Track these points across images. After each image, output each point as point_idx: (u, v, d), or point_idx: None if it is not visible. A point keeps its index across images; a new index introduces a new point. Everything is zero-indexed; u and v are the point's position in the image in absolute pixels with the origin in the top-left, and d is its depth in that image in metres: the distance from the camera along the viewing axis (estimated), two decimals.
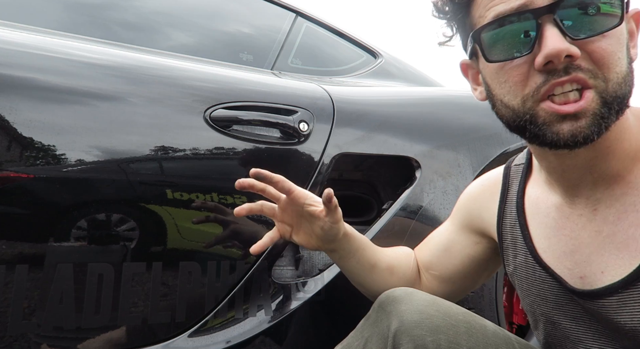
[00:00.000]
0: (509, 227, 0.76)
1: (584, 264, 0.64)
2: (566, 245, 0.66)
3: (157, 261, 0.99)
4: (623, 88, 0.53)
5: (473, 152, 1.37)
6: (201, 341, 1.01)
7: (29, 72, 0.94)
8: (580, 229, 0.64)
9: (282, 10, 1.73)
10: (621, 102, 0.54)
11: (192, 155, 1.05)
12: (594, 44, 0.53)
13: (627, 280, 0.58)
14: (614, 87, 0.53)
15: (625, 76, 0.54)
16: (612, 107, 0.53)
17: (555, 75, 0.53)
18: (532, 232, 0.71)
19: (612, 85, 0.53)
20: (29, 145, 0.90)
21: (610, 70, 0.53)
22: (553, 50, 0.52)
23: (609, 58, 0.53)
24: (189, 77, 1.15)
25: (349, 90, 1.43)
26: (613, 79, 0.53)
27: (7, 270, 0.86)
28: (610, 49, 0.53)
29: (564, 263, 0.66)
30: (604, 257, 0.61)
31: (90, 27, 1.34)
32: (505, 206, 0.77)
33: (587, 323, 0.67)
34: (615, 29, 0.53)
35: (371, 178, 1.35)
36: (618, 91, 0.53)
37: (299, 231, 0.85)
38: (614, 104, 0.53)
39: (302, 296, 1.12)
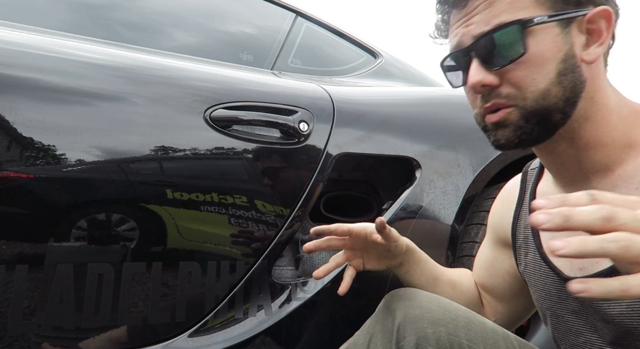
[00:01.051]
0: (523, 227, 0.81)
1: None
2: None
3: (157, 261, 0.99)
4: (542, 103, 0.62)
5: (473, 152, 1.37)
6: (201, 341, 1.01)
7: (29, 72, 0.94)
8: None
9: (282, 10, 1.73)
10: (542, 114, 0.63)
11: (192, 155, 1.05)
12: (508, 72, 0.63)
13: (613, 267, 0.61)
14: (532, 104, 0.63)
15: (543, 92, 0.62)
16: (530, 120, 0.63)
17: (483, 100, 0.66)
18: (542, 232, 0.76)
19: (529, 102, 0.63)
20: (29, 145, 0.90)
21: (526, 91, 0.63)
22: (470, 83, 0.65)
23: (522, 82, 0.63)
24: (189, 77, 1.15)
25: (349, 90, 1.43)
26: (529, 97, 0.63)
27: (7, 270, 0.86)
28: (522, 74, 0.62)
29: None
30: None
31: (90, 27, 1.34)
32: (521, 208, 0.82)
33: (584, 316, 0.70)
34: (523, 56, 0.62)
35: (371, 178, 1.35)
36: (536, 106, 0.63)
37: (369, 258, 0.89)
38: (532, 117, 0.63)
39: (302, 296, 1.12)
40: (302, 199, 1.14)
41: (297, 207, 1.14)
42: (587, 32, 0.63)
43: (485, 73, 0.64)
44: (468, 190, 1.32)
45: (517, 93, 0.63)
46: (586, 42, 0.63)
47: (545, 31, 0.62)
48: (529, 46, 0.61)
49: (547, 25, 0.62)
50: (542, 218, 0.42)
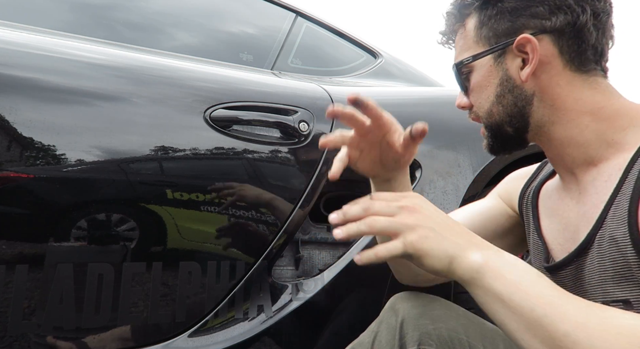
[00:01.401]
0: (525, 206, 0.88)
1: (571, 241, 0.73)
2: (559, 223, 0.77)
3: (157, 261, 0.99)
4: (490, 120, 0.76)
5: (473, 152, 1.37)
6: (201, 341, 1.01)
7: (29, 72, 0.94)
8: (570, 210, 0.75)
9: (282, 10, 1.73)
10: (495, 127, 0.76)
11: (192, 155, 1.05)
12: (470, 97, 0.79)
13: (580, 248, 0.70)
14: (485, 121, 0.78)
15: (487, 112, 0.76)
16: (489, 133, 0.78)
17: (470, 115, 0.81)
18: (540, 212, 0.83)
19: (483, 120, 0.78)
20: (29, 145, 0.90)
21: (478, 111, 0.78)
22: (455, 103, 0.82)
23: (475, 104, 0.78)
24: (189, 77, 1.15)
25: (349, 90, 1.43)
26: (482, 116, 0.78)
27: (7, 270, 0.86)
28: (474, 99, 0.78)
29: (558, 239, 0.77)
30: (580, 235, 0.71)
31: (91, 28, 1.34)
32: (527, 188, 0.89)
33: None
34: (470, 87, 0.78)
35: None
36: (487, 123, 0.77)
37: (365, 158, 0.84)
38: (489, 131, 0.78)
39: (302, 296, 1.12)
40: (302, 199, 1.14)
41: (297, 208, 1.14)
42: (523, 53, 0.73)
43: (462, 96, 0.81)
44: (468, 190, 1.32)
45: (477, 112, 0.78)
46: (524, 63, 0.73)
47: (481, 64, 0.75)
48: (471, 78, 0.77)
49: (482, 59, 0.75)
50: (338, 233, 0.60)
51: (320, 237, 1.25)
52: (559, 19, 0.70)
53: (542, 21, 0.71)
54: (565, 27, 0.71)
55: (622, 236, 0.63)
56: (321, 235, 1.26)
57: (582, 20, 0.70)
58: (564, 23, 0.70)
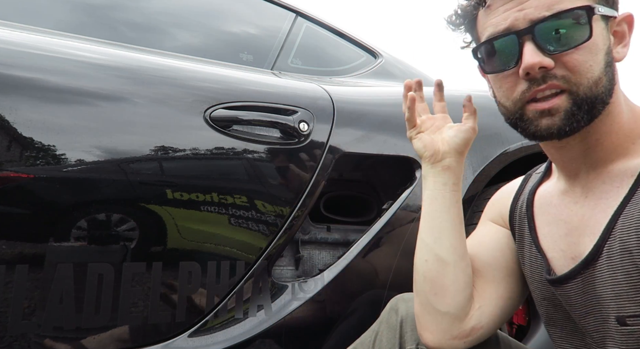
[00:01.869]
0: (518, 219, 0.83)
1: (574, 246, 0.70)
2: (562, 229, 0.73)
3: (157, 261, 0.99)
4: (594, 90, 0.64)
5: (473, 152, 1.37)
6: (201, 341, 1.01)
7: (29, 72, 0.94)
8: (574, 215, 0.72)
9: (282, 10, 1.73)
10: (592, 102, 0.64)
11: (192, 155, 1.05)
12: (567, 55, 0.64)
13: (592, 253, 0.66)
14: (585, 90, 0.64)
15: (596, 80, 0.64)
16: (582, 107, 0.64)
17: (536, 84, 0.65)
18: (537, 223, 0.79)
19: (583, 89, 0.64)
20: (29, 145, 0.90)
21: (582, 76, 0.64)
22: (528, 64, 0.64)
23: (580, 67, 0.64)
24: (189, 77, 1.15)
25: (349, 90, 1.43)
26: (584, 83, 0.64)
27: (7, 270, 0.86)
28: (582, 59, 0.64)
29: (560, 246, 0.73)
30: (584, 240, 0.68)
31: (91, 28, 1.34)
32: (517, 201, 0.84)
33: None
34: (587, 42, 0.63)
35: (371, 178, 1.35)
36: (588, 93, 0.64)
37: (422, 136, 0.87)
38: (584, 104, 0.64)
39: (302, 296, 1.12)
40: (302, 199, 1.14)
41: (297, 207, 1.14)
42: (613, 34, 0.67)
43: (541, 56, 0.64)
44: (468, 190, 1.32)
45: (574, 77, 0.64)
46: (614, 42, 0.67)
47: (598, 23, 0.65)
48: (593, 33, 0.63)
49: (599, 17, 0.65)
50: None
51: (320, 237, 1.25)
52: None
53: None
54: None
55: (635, 246, 0.60)
56: (321, 235, 1.26)
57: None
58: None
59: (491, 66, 0.70)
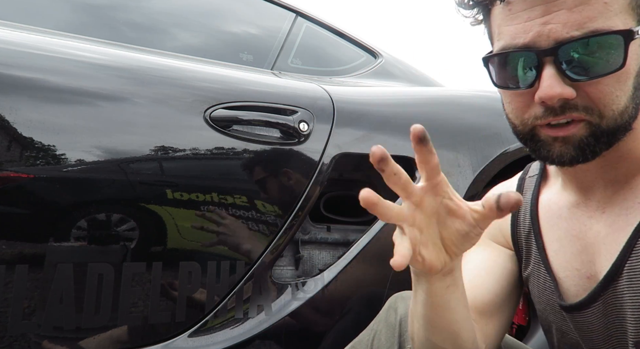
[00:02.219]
0: (524, 235, 0.75)
1: (589, 264, 0.65)
2: (575, 246, 0.67)
3: (157, 261, 0.99)
4: (618, 121, 0.56)
5: (473, 152, 1.37)
6: (201, 341, 1.01)
7: (29, 72, 0.94)
8: (588, 230, 0.66)
9: (282, 10, 1.73)
10: (614, 133, 0.57)
11: (192, 155, 1.05)
12: (591, 85, 0.55)
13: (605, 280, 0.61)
14: (608, 123, 0.56)
15: (622, 111, 0.56)
16: (600, 139, 0.57)
17: (552, 113, 0.56)
18: (545, 238, 0.71)
19: (606, 121, 0.56)
20: (29, 145, 0.90)
21: (607, 108, 0.55)
22: (546, 95, 0.55)
23: (606, 98, 0.55)
24: (189, 77, 1.15)
25: (349, 90, 1.43)
26: (608, 115, 0.56)
27: (7, 270, 0.86)
28: (608, 90, 0.55)
29: (573, 264, 0.67)
30: (600, 259, 0.64)
31: (92, 28, 1.34)
32: (518, 214, 0.76)
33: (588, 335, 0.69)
34: (618, 70, 0.54)
35: (371, 178, 1.35)
36: (612, 125, 0.56)
37: (426, 240, 0.57)
38: (604, 136, 0.56)
39: (302, 296, 1.12)
40: (302, 199, 1.14)
41: (297, 207, 1.14)
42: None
43: (562, 85, 0.55)
44: (468, 190, 1.32)
45: (596, 108, 0.55)
46: None
47: (634, 46, 0.55)
48: (628, 60, 0.54)
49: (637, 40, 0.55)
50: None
51: (320, 237, 1.25)
52: None
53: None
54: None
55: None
56: (321, 235, 1.26)
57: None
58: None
59: (502, 81, 0.61)
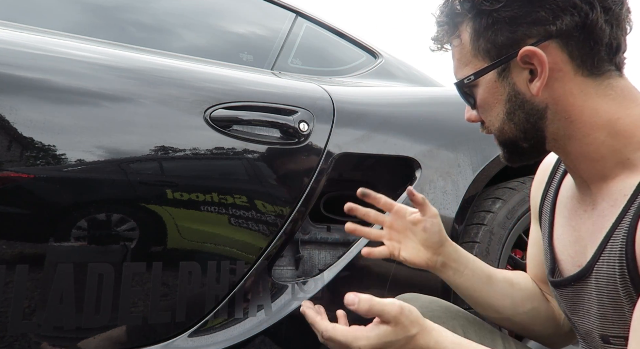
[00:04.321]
0: (545, 210, 0.82)
1: (580, 255, 0.70)
2: (571, 236, 0.73)
3: (157, 261, 0.99)
4: (503, 136, 0.71)
5: (473, 152, 1.37)
6: (201, 341, 1.01)
7: (29, 72, 0.94)
8: (582, 224, 0.71)
9: (282, 10, 1.73)
10: (509, 143, 0.71)
11: (192, 155, 1.06)
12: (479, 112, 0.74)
13: (579, 274, 0.68)
14: (497, 137, 0.73)
15: (499, 129, 0.71)
16: (504, 148, 0.73)
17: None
18: (556, 218, 0.78)
19: (495, 136, 0.73)
20: (29, 145, 0.90)
21: (491, 128, 0.73)
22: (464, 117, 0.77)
23: (487, 121, 0.73)
24: (189, 77, 1.15)
25: (349, 90, 1.43)
26: (494, 133, 0.72)
27: (7, 270, 0.86)
28: (483, 116, 0.73)
29: (568, 251, 0.73)
30: (587, 251, 0.68)
31: (91, 28, 1.34)
32: (548, 190, 0.83)
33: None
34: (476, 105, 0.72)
35: (371, 178, 1.35)
36: (501, 138, 0.72)
37: (407, 246, 0.86)
38: (504, 146, 0.73)
39: (302, 296, 1.12)
40: (302, 199, 1.14)
41: (297, 207, 1.14)
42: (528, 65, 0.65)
43: (470, 111, 0.75)
44: (468, 190, 1.32)
45: (489, 129, 0.73)
46: (532, 75, 0.65)
47: (485, 80, 0.68)
48: (476, 95, 0.71)
49: (485, 76, 0.68)
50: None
51: (320, 237, 1.25)
52: (565, 22, 0.62)
53: (545, 27, 0.62)
54: (573, 30, 0.62)
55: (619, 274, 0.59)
56: (321, 235, 1.26)
57: (593, 19, 0.61)
58: (572, 25, 0.62)
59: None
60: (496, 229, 1.34)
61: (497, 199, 1.39)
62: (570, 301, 0.71)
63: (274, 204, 1.12)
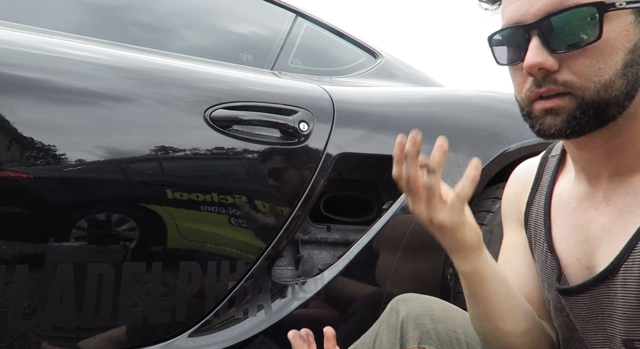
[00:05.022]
0: (535, 215, 0.78)
1: (590, 255, 0.66)
2: (578, 236, 0.69)
3: (157, 261, 0.99)
4: (602, 95, 0.58)
5: (473, 152, 1.37)
6: (201, 341, 1.01)
7: (29, 72, 0.94)
8: (592, 222, 0.67)
9: (282, 10, 1.73)
10: (601, 106, 0.58)
11: (192, 155, 1.05)
12: (572, 57, 0.58)
13: (614, 265, 0.62)
14: (591, 95, 0.58)
15: (606, 84, 0.58)
16: (587, 112, 0.59)
17: (536, 85, 0.61)
18: (554, 220, 0.74)
19: (588, 93, 0.58)
20: (29, 145, 0.90)
21: (588, 80, 0.58)
22: (527, 64, 0.60)
23: (585, 70, 0.58)
24: (189, 77, 1.15)
25: (349, 90, 1.43)
26: (590, 87, 0.58)
27: (7, 270, 0.86)
28: (588, 62, 0.58)
29: (575, 253, 0.69)
30: (600, 251, 0.65)
31: (91, 28, 1.34)
32: (535, 194, 0.79)
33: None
34: (595, 43, 0.57)
35: (371, 178, 1.35)
36: (595, 98, 0.58)
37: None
38: (589, 109, 0.59)
39: (302, 296, 1.12)
40: (302, 199, 1.14)
41: (297, 207, 1.14)
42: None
43: (546, 55, 0.59)
44: None
45: (577, 82, 0.58)
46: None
47: (620, 18, 0.57)
48: (604, 32, 0.56)
49: (623, 11, 0.57)
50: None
51: (320, 237, 1.25)
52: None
53: None
54: None
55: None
56: (321, 235, 1.26)
57: None
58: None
59: (501, 58, 0.67)
60: (496, 229, 1.34)
61: (497, 199, 1.39)
62: (586, 308, 0.67)
63: (274, 204, 1.12)
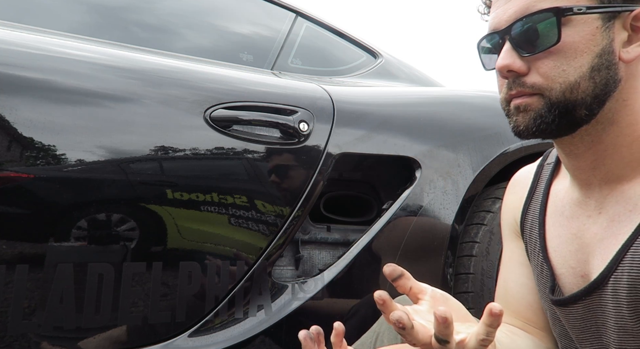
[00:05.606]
0: (530, 223, 0.78)
1: (584, 264, 0.66)
2: (572, 244, 0.69)
3: (157, 261, 0.99)
4: (568, 96, 0.60)
5: (473, 152, 1.37)
6: (201, 341, 1.01)
7: (29, 72, 0.94)
8: (585, 230, 0.67)
9: (282, 10, 1.73)
10: (566, 107, 0.60)
11: (192, 155, 1.06)
12: (538, 60, 0.61)
13: (591, 287, 0.63)
14: (557, 95, 0.60)
15: (570, 85, 0.59)
16: (552, 111, 0.60)
17: (508, 87, 0.64)
18: (548, 230, 0.74)
19: (555, 93, 0.60)
20: (29, 145, 0.90)
21: (553, 81, 0.60)
22: (497, 67, 0.63)
23: (550, 72, 0.60)
24: (189, 77, 1.15)
25: (349, 90, 1.43)
26: (556, 88, 0.60)
27: (7, 270, 0.86)
28: (552, 64, 0.60)
29: (569, 262, 0.69)
30: (593, 260, 0.65)
31: (91, 28, 1.34)
32: (530, 202, 0.79)
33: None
34: (555, 46, 0.59)
35: (371, 178, 1.35)
36: (561, 98, 0.60)
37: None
38: (554, 108, 0.60)
39: (302, 296, 1.12)
40: (302, 199, 1.14)
41: (297, 207, 1.14)
42: (632, 29, 0.60)
43: (514, 58, 0.62)
44: (468, 190, 1.32)
45: (544, 84, 0.61)
46: (628, 40, 0.60)
47: (584, 22, 0.59)
48: (564, 36, 0.59)
49: (588, 16, 0.58)
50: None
51: (320, 237, 1.25)
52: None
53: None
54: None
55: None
56: (321, 235, 1.26)
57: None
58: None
59: (487, 63, 0.71)
60: (496, 229, 1.34)
61: (497, 199, 1.39)
62: (580, 319, 0.67)
63: (274, 204, 1.12)
